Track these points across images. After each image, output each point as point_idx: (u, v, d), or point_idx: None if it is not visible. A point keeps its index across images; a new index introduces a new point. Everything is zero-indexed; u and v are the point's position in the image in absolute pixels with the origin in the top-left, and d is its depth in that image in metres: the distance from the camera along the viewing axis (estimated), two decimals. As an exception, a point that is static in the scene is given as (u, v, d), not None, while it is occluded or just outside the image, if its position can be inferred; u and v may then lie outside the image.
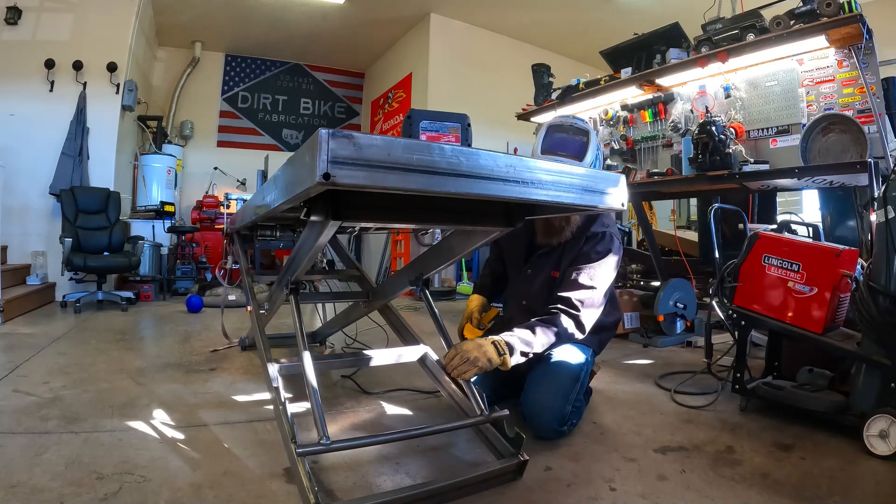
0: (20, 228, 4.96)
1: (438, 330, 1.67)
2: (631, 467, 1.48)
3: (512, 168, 1.00)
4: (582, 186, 1.14)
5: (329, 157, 0.80)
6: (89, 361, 2.58)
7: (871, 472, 1.47)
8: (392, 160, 0.86)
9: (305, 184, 0.87)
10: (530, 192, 1.03)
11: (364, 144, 0.83)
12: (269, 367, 1.53)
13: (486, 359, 1.49)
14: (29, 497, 1.23)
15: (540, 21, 6.71)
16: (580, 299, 1.70)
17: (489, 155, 0.98)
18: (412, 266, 1.84)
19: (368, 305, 2.23)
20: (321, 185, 0.81)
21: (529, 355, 1.61)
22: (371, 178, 0.84)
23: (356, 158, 0.83)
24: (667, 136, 3.57)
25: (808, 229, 2.81)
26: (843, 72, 2.71)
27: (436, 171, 0.91)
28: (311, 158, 0.82)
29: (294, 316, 1.57)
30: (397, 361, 1.84)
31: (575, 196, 1.12)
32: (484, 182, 0.97)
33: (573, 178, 1.12)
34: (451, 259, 1.64)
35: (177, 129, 7.46)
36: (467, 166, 0.94)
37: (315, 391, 1.32)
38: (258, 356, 2.70)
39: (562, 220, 1.78)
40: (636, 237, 5.57)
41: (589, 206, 1.16)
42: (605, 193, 1.19)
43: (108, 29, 5.41)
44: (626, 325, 3.27)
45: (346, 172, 0.81)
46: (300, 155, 0.92)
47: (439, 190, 0.91)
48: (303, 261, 1.51)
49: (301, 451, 1.24)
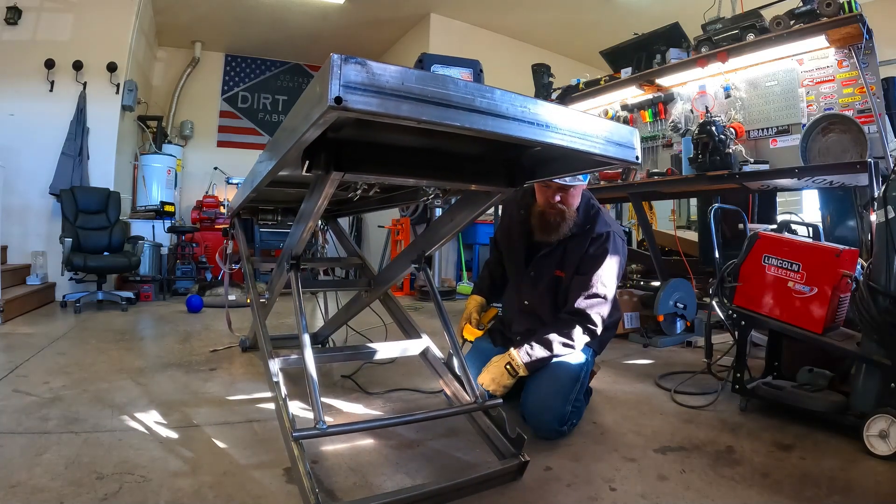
0: (20, 228, 4.96)
1: (439, 313, 1.67)
2: (631, 467, 1.49)
3: (527, 109, 0.96)
4: (596, 134, 1.09)
5: (342, 82, 0.77)
6: (89, 361, 2.58)
7: (871, 472, 1.47)
8: (405, 89, 0.83)
9: (314, 115, 0.83)
10: (545, 134, 0.99)
11: (377, 72, 0.81)
12: (271, 363, 1.53)
13: (502, 388, 1.68)
14: (29, 497, 1.23)
15: (540, 21, 6.71)
16: (601, 314, 1.75)
17: (505, 93, 0.94)
18: (413, 246, 1.83)
19: (370, 294, 2.20)
20: (332, 110, 0.77)
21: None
22: (384, 106, 0.81)
23: (369, 85, 0.80)
24: (667, 136, 3.58)
25: (808, 229, 2.81)
26: (843, 72, 2.71)
27: (450, 105, 0.87)
28: (321, 87, 0.79)
29: (294, 295, 1.54)
30: (400, 355, 1.84)
31: (589, 144, 1.08)
32: (498, 120, 0.93)
33: (587, 124, 1.08)
34: (453, 231, 1.64)
35: (177, 129, 7.46)
36: (482, 103, 0.91)
37: (313, 378, 1.32)
38: (258, 345, 2.70)
39: (556, 216, 1.77)
40: (636, 237, 5.57)
41: (602, 155, 1.11)
42: (619, 144, 1.14)
43: (108, 29, 5.41)
44: (626, 325, 3.27)
45: (358, 98, 0.78)
46: (310, 90, 0.89)
47: (452, 124, 0.88)
48: (305, 227, 1.44)
49: (297, 434, 1.25)
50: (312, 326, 3.13)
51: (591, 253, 1.78)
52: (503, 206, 2.15)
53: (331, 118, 0.82)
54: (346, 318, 2.47)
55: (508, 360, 1.70)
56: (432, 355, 1.79)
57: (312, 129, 0.87)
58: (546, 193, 1.77)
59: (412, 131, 1.20)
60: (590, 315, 1.72)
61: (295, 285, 1.57)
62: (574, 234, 1.81)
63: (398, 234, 6.11)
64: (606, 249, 1.76)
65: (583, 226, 1.82)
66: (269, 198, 2.41)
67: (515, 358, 1.69)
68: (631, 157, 1.16)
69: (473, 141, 1.27)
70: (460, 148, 1.29)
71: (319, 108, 0.80)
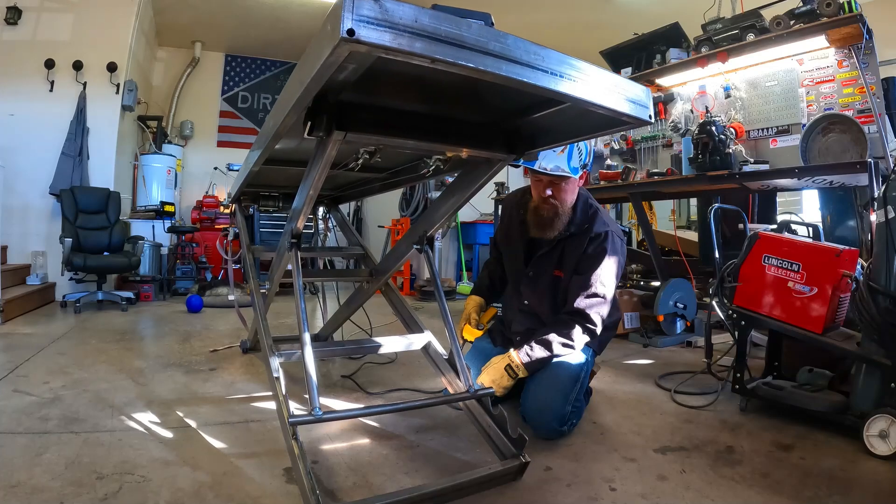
0: (20, 228, 4.95)
1: (437, 294, 1.68)
2: (631, 467, 1.48)
3: (540, 56, 0.95)
4: (609, 88, 1.06)
5: (354, 16, 0.76)
6: (89, 361, 2.58)
7: (871, 472, 1.47)
8: (419, 27, 0.82)
9: (325, 50, 0.82)
10: (558, 82, 0.97)
11: (391, 8, 0.79)
12: (272, 360, 1.53)
13: (502, 389, 1.68)
14: (29, 497, 1.23)
15: (540, 21, 6.70)
16: (600, 314, 1.75)
17: (518, 39, 0.93)
18: (414, 229, 1.83)
19: (372, 284, 2.18)
20: (345, 42, 0.76)
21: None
22: (397, 41, 0.79)
23: (382, 20, 0.78)
24: (667, 136, 3.58)
25: (808, 229, 2.81)
26: (843, 72, 2.71)
27: (463, 46, 0.86)
28: (332, 23, 0.78)
29: (294, 276, 1.52)
30: (403, 349, 1.82)
31: (602, 97, 1.04)
32: (511, 65, 0.91)
33: (602, 77, 1.06)
34: (454, 208, 1.65)
35: (177, 129, 7.45)
36: (495, 46, 0.89)
37: (310, 363, 1.33)
38: (258, 347, 2.70)
39: (549, 211, 1.77)
40: (636, 237, 5.57)
41: (615, 110, 1.07)
42: (633, 101, 1.10)
43: (108, 29, 5.40)
44: (626, 325, 3.27)
45: (371, 32, 0.77)
46: (320, 31, 0.87)
47: (466, 65, 0.86)
48: (306, 196, 1.41)
49: (293, 420, 1.26)
50: (313, 328, 3.13)
51: (589, 253, 1.78)
52: (502, 206, 2.15)
53: (343, 53, 0.80)
54: (349, 313, 2.44)
55: (508, 361, 1.70)
56: (434, 350, 1.78)
57: (322, 69, 0.85)
58: (538, 188, 1.77)
59: (414, 95, 1.19)
60: (589, 315, 1.72)
61: (295, 266, 1.54)
62: (572, 233, 1.81)
63: (398, 234, 6.11)
64: (605, 249, 1.76)
65: (581, 225, 1.81)
66: (271, 182, 2.37)
67: (515, 359, 1.69)
68: (644, 115, 1.12)
69: (474, 107, 1.27)
70: (461, 114, 1.29)
71: (331, 41, 0.78)
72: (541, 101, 1.20)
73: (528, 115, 1.30)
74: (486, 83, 0.94)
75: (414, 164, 1.81)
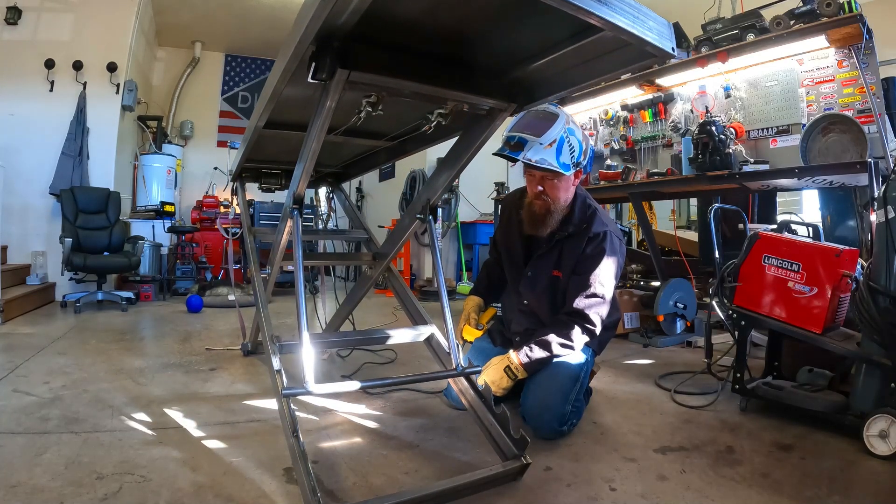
0: (20, 228, 4.96)
1: (433, 258, 1.72)
2: (631, 467, 1.48)
3: None
4: (635, 14, 0.99)
5: None
6: (89, 361, 2.58)
7: (871, 472, 1.47)
8: None
9: None
10: None
11: None
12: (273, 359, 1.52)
13: (501, 390, 1.69)
14: (29, 497, 1.23)
15: (540, 21, 6.70)
16: (599, 314, 1.74)
17: None
18: (417, 199, 1.82)
19: (376, 267, 2.14)
20: None
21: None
22: None
23: None
24: (667, 136, 3.57)
25: (808, 229, 2.81)
26: (843, 72, 2.71)
27: None
28: None
29: (294, 245, 1.50)
30: (409, 341, 1.82)
31: (624, 22, 0.97)
32: None
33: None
34: (455, 170, 1.66)
35: (177, 129, 7.46)
36: None
37: (305, 340, 1.33)
38: (259, 350, 2.70)
39: (542, 208, 1.77)
40: (636, 237, 5.57)
41: (638, 35, 1.00)
42: (656, 29, 1.03)
43: (108, 29, 5.41)
44: (626, 325, 3.27)
45: None
46: None
47: None
48: (310, 150, 1.37)
49: (286, 392, 1.29)
50: (313, 328, 3.13)
51: (587, 253, 1.77)
52: (502, 206, 2.15)
53: None
54: (352, 306, 2.41)
55: (507, 362, 1.70)
56: (436, 342, 1.77)
57: (322, 5, 0.88)
58: (531, 184, 1.78)
59: (417, 38, 1.19)
60: (588, 315, 1.72)
61: (296, 232, 1.51)
62: (570, 233, 1.81)
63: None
64: (604, 249, 1.76)
65: (579, 225, 1.81)
66: (273, 157, 2.33)
67: (514, 360, 1.70)
68: (667, 46, 1.04)
69: (476, 52, 1.28)
70: (464, 56, 1.30)
71: None
72: (545, 44, 1.20)
73: (529, 63, 1.30)
74: (489, 25, 0.92)
75: (416, 125, 1.75)
